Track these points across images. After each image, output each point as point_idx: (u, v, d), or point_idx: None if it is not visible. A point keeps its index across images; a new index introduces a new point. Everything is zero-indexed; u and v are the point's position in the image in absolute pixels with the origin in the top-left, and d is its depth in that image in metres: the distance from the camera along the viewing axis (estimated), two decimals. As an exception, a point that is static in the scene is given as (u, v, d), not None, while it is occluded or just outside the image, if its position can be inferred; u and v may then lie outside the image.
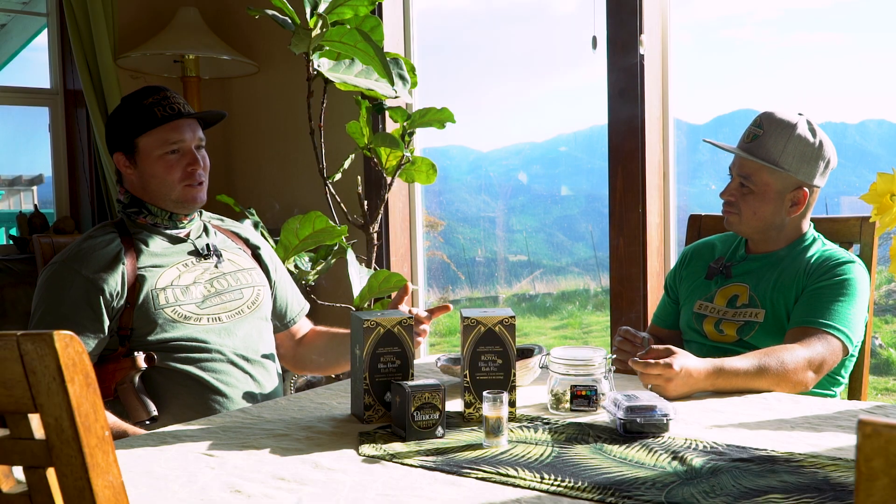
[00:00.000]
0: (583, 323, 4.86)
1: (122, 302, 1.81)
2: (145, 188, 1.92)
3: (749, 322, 1.90)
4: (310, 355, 2.13)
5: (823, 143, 1.92)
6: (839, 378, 1.91)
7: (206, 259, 1.95)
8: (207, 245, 1.97)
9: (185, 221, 1.97)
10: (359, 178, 3.01)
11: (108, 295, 1.80)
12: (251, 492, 1.14)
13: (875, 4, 3.37)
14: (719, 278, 1.99)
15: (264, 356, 1.97)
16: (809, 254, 1.92)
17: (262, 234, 2.72)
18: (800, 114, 1.95)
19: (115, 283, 1.81)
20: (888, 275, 2.72)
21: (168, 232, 1.95)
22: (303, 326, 2.18)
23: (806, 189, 1.91)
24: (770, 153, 1.89)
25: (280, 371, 2.05)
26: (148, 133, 1.88)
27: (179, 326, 1.84)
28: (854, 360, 1.92)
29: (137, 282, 1.83)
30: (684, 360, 1.59)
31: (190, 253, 1.94)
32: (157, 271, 1.86)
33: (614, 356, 1.61)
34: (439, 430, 1.38)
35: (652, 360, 1.58)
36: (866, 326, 1.97)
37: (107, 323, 1.80)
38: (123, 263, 1.83)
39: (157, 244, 1.91)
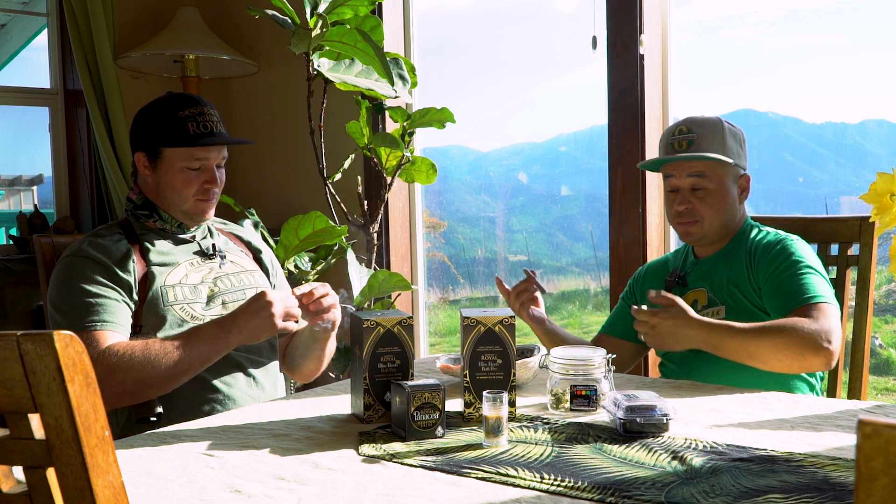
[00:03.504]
0: (583, 323, 4.85)
1: (134, 297, 1.82)
2: (159, 194, 1.92)
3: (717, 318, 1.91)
4: (292, 356, 2.11)
5: (742, 130, 2.03)
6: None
7: (210, 259, 1.95)
8: (213, 245, 1.98)
9: (193, 228, 1.98)
10: (359, 178, 3.01)
11: (123, 284, 1.80)
12: (251, 492, 1.14)
13: (875, 4, 3.37)
14: (677, 289, 2.01)
15: (267, 358, 1.97)
16: (749, 240, 1.97)
17: (263, 235, 2.72)
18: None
19: (127, 276, 1.81)
20: (888, 275, 2.71)
21: (175, 236, 1.95)
22: None
23: (747, 173, 2.01)
24: (715, 148, 1.96)
25: (283, 373, 2.06)
26: (177, 147, 1.87)
27: (186, 326, 1.84)
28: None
29: (147, 278, 1.84)
30: (679, 311, 1.73)
31: (195, 253, 1.94)
32: (165, 269, 1.87)
33: (614, 356, 1.61)
34: (439, 430, 1.38)
35: (646, 309, 1.74)
36: (866, 326, 1.98)
37: (135, 298, 1.81)
38: (133, 261, 1.84)
39: (163, 244, 1.92)
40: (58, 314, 1.77)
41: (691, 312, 1.73)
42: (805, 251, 1.89)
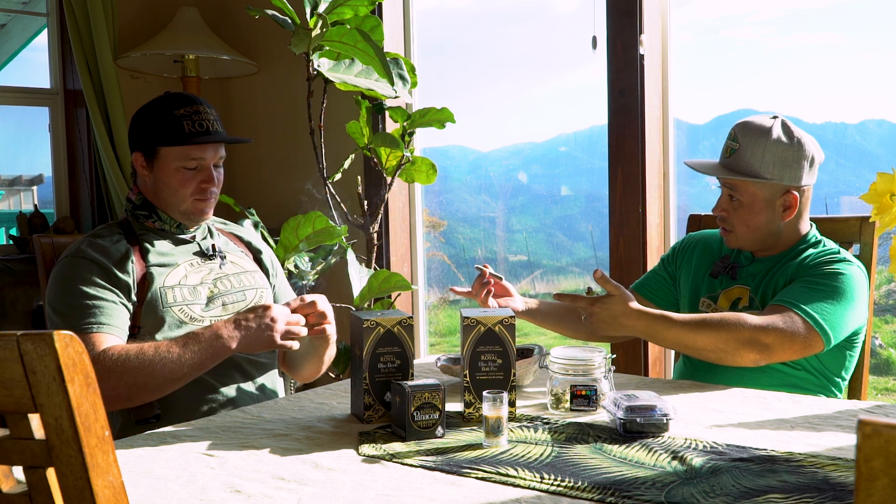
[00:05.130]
0: (583, 323, 4.85)
1: (133, 299, 1.81)
2: (157, 194, 1.92)
3: None
4: (291, 358, 2.10)
5: (802, 141, 1.87)
6: (839, 380, 1.89)
7: (210, 260, 1.95)
8: (213, 246, 1.97)
9: (193, 229, 1.98)
10: (359, 178, 3.01)
11: (122, 286, 1.80)
12: (251, 492, 1.14)
13: (875, 4, 3.37)
14: (724, 279, 1.98)
15: (266, 359, 1.97)
16: (808, 252, 1.89)
17: (263, 235, 2.72)
18: (774, 116, 1.91)
19: (126, 277, 1.81)
20: (888, 275, 2.72)
21: (175, 237, 1.95)
22: None
23: (795, 192, 1.87)
24: (749, 165, 1.86)
25: (281, 374, 2.05)
26: (172, 146, 1.86)
27: (185, 328, 1.84)
28: (855, 360, 1.91)
29: (146, 280, 1.83)
30: (616, 300, 1.71)
31: (195, 253, 1.94)
32: (164, 270, 1.87)
33: (614, 356, 1.62)
34: (439, 430, 1.38)
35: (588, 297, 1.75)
36: (866, 326, 1.97)
37: (133, 300, 1.80)
38: (132, 262, 1.83)
39: (163, 245, 1.91)
40: (55, 315, 1.77)
41: (632, 303, 1.72)
42: (851, 279, 1.80)
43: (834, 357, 1.85)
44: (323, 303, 1.78)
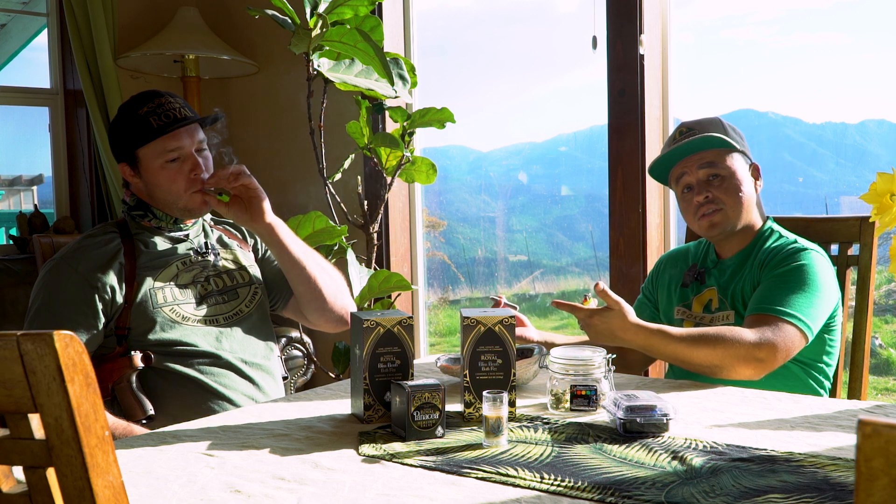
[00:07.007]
0: (583, 323, 4.83)
1: (119, 301, 1.81)
2: (152, 197, 1.92)
3: (723, 324, 1.90)
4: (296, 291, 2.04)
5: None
6: (823, 367, 1.90)
7: (203, 257, 1.95)
8: (206, 244, 1.97)
9: (189, 224, 1.98)
10: (359, 178, 3.01)
11: (104, 293, 1.80)
12: (251, 492, 1.14)
13: (876, 5, 3.37)
14: (694, 285, 2.01)
15: (265, 358, 1.96)
16: (767, 245, 1.93)
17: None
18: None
19: (111, 281, 1.81)
20: (888, 275, 2.72)
21: (170, 234, 1.95)
22: None
23: (756, 163, 1.99)
24: (719, 139, 1.94)
25: (284, 374, 2.05)
26: (146, 145, 1.87)
27: (178, 328, 1.84)
28: (837, 345, 1.92)
29: (136, 281, 1.83)
30: (615, 314, 1.69)
31: (189, 251, 1.94)
32: (155, 270, 1.87)
33: (614, 356, 1.62)
34: (439, 430, 1.38)
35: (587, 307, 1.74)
36: (866, 326, 1.97)
37: (102, 321, 1.80)
38: (122, 263, 1.83)
39: (156, 244, 1.92)
40: (28, 316, 1.81)
41: (630, 316, 1.69)
42: (814, 266, 1.83)
43: (810, 343, 1.86)
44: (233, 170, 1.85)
